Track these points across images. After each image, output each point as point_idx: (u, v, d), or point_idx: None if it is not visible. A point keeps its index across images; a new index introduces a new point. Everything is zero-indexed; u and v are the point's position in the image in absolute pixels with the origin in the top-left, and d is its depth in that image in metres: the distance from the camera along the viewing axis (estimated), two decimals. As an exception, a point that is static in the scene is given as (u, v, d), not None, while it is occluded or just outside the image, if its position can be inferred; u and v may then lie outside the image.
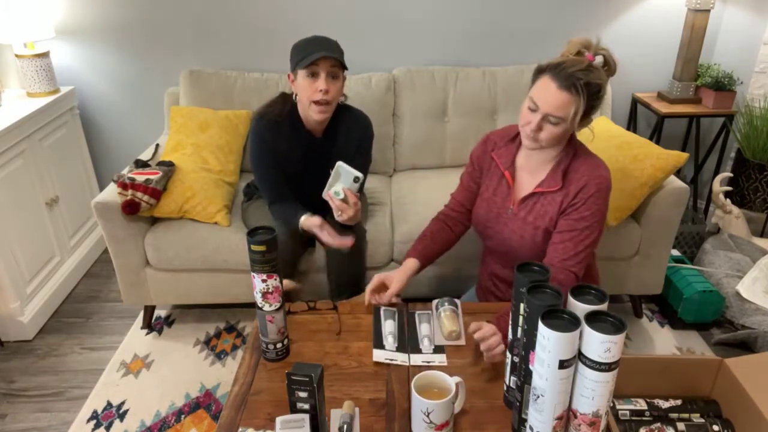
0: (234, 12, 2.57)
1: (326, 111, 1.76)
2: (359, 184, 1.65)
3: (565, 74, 1.31)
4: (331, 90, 1.73)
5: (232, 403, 1.19)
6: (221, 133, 2.31)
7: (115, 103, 2.76)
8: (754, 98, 2.60)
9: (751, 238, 2.49)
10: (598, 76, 1.33)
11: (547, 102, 1.34)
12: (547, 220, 1.46)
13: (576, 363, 0.94)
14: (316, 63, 1.69)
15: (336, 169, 1.63)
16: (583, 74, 1.30)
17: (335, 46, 1.75)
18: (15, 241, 2.17)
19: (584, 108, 1.34)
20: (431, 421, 1.03)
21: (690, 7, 2.44)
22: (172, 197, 2.03)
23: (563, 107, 1.33)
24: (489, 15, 2.61)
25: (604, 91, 1.35)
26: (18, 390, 2.00)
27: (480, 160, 1.62)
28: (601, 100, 1.37)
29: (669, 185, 2.04)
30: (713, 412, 1.46)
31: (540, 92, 1.35)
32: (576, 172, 1.43)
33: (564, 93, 1.32)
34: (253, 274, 1.21)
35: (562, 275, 1.39)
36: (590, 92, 1.32)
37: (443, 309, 1.40)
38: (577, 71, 1.30)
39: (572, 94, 1.31)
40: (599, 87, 1.33)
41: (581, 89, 1.31)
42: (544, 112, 1.35)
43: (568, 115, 1.34)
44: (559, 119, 1.34)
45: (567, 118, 1.34)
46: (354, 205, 1.66)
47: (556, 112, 1.33)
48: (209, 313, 2.36)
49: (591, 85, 1.31)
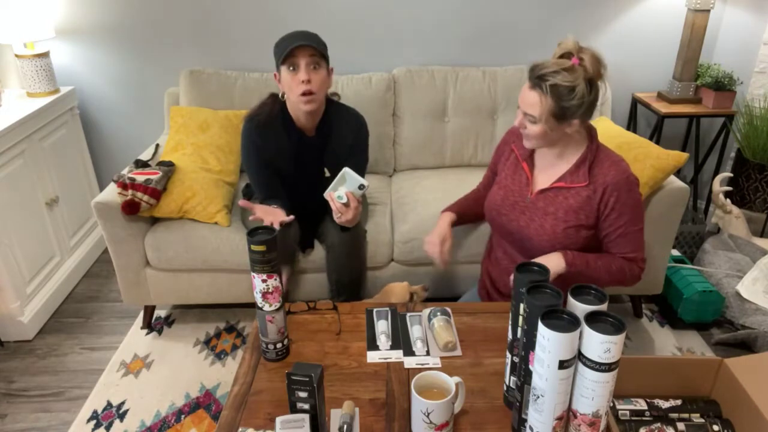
0: (234, 12, 2.57)
1: (313, 101, 1.75)
2: (363, 190, 1.67)
3: (536, 75, 1.39)
4: (314, 79, 1.72)
5: (232, 403, 1.19)
6: (221, 133, 2.31)
7: (115, 103, 2.76)
8: (754, 98, 2.60)
9: (751, 238, 2.49)
10: (570, 78, 1.36)
11: (522, 100, 1.44)
12: (571, 213, 1.49)
13: (576, 363, 0.94)
14: (294, 54, 1.69)
15: (342, 174, 1.64)
16: (552, 76, 1.36)
17: (313, 37, 1.74)
18: (15, 241, 2.17)
19: (555, 108, 1.39)
20: (431, 421, 1.03)
21: (690, 7, 2.44)
22: (172, 197, 2.03)
23: (533, 106, 1.40)
24: (489, 15, 2.61)
25: (580, 93, 1.36)
26: (18, 390, 2.00)
27: (500, 149, 1.72)
28: (576, 102, 1.38)
29: (669, 185, 2.04)
30: (713, 412, 1.46)
31: (521, 92, 1.45)
32: (600, 167, 1.47)
33: (533, 92, 1.40)
34: (253, 274, 1.21)
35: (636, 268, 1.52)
36: (558, 93, 1.37)
37: (436, 319, 1.38)
38: (547, 73, 1.37)
39: (539, 93, 1.38)
40: (569, 89, 1.36)
41: (546, 89, 1.37)
42: (521, 110, 1.44)
43: (540, 114, 1.40)
44: (533, 117, 1.42)
45: (540, 117, 1.41)
46: (354, 209, 1.68)
47: (529, 110, 1.42)
48: (209, 313, 2.36)
49: (558, 87, 1.36)
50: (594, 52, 1.39)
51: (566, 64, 1.36)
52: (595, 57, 1.38)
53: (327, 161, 1.91)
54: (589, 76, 1.37)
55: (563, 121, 1.42)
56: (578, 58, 1.37)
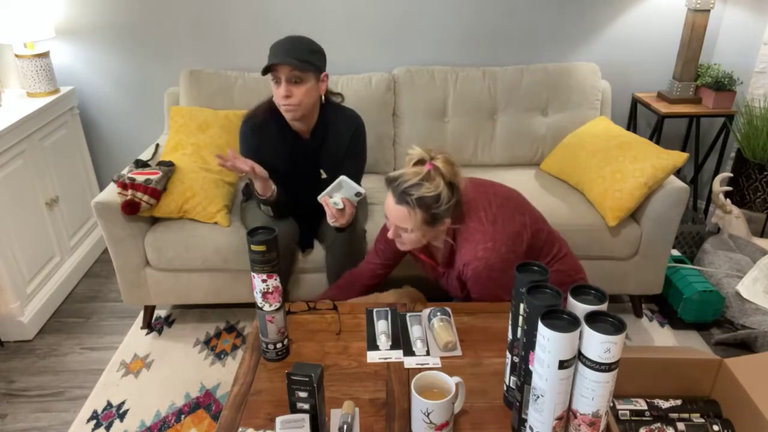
0: (234, 12, 2.57)
1: (293, 111, 1.76)
2: (359, 198, 1.70)
3: (398, 190, 1.39)
4: (295, 94, 1.73)
5: (232, 403, 1.19)
6: (221, 133, 2.31)
7: (115, 103, 2.76)
8: (754, 98, 2.60)
9: (751, 238, 2.49)
10: (431, 188, 1.37)
11: (391, 215, 1.44)
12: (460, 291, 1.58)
13: (576, 363, 0.94)
14: (275, 69, 1.70)
15: (338, 182, 1.66)
16: (414, 189, 1.37)
17: (298, 49, 1.71)
18: (15, 241, 2.17)
19: (425, 216, 1.40)
20: (431, 421, 1.03)
21: (690, 7, 2.44)
22: (172, 197, 2.03)
23: (403, 220, 1.41)
24: (489, 15, 2.61)
25: (445, 198, 1.39)
26: (18, 390, 2.00)
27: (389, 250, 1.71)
28: (444, 207, 1.40)
29: (669, 185, 2.04)
30: (713, 412, 1.46)
31: (386, 205, 1.45)
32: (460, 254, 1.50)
33: (401, 207, 1.40)
34: (253, 274, 1.21)
35: None
36: (424, 204, 1.38)
37: (436, 319, 1.39)
38: (409, 187, 1.38)
39: (407, 208, 1.39)
40: (435, 198, 1.38)
41: (413, 203, 1.38)
42: (392, 222, 1.45)
43: (412, 226, 1.41)
44: (406, 229, 1.43)
45: (414, 228, 1.42)
46: (349, 215, 1.72)
47: (401, 224, 1.43)
48: (209, 313, 2.36)
49: (423, 198, 1.37)
50: (445, 155, 1.41)
51: (423, 171, 1.38)
52: (447, 160, 1.41)
53: (324, 163, 1.92)
54: (448, 179, 1.40)
55: (435, 225, 1.44)
56: (430, 163, 1.39)
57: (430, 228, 1.44)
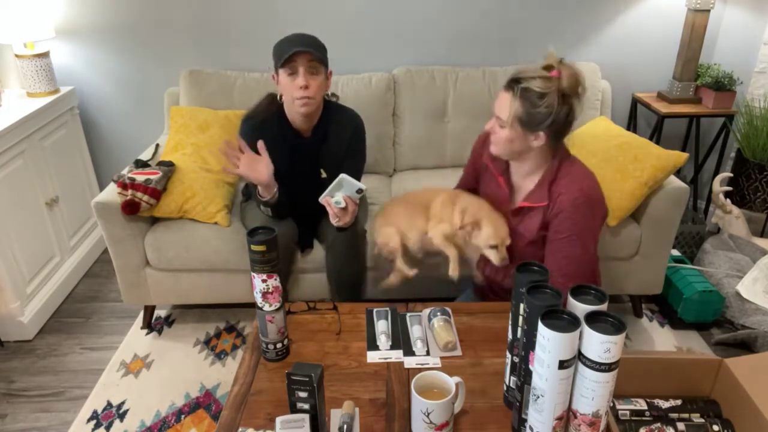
0: (234, 12, 2.57)
1: (310, 104, 1.76)
2: (360, 194, 1.68)
3: (512, 78, 1.41)
4: (312, 85, 1.73)
5: (232, 403, 1.19)
6: (221, 133, 2.31)
7: (115, 103, 2.76)
8: (754, 98, 2.60)
9: (751, 238, 2.49)
10: (543, 85, 1.36)
11: (496, 103, 1.45)
12: (535, 233, 1.51)
13: (576, 363, 0.94)
14: (293, 59, 1.69)
15: (338, 180, 1.65)
16: (526, 80, 1.37)
17: (313, 42, 1.74)
18: (15, 241, 2.17)
19: (522, 113, 1.38)
20: (431, 421, 1.03)
21: (690, 7, 2.44)
22: (172, 197, 2.03)
23: (503, 107, 1.42)
24: (489, 15, 2.61)
25: (549, 101, 1.36)
26: (18, 390, 2.00)
27: (476, 162, 1.70)
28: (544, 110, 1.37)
29: (669, 185, 2.04)
30: (713, 412, 1.46)
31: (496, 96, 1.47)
32: (558, 185, 1.46)
33: (505, 93, 1.42)
34: (253, 274, 1.21)
35: None
36: (527, 97, 1.37)
37: (436, 319, 1.38)
38: (523, 77, 1.38)
39: (510, 94, 1.40)
40: (540, 95, 1.36)
41: (518, 92, 1.38)
42: (494, 114, 1.45)
43: (507, 117, 1.41)
44: (502, 121, 1.43)
45: (508, 121, 1.41)
46: (352, 213, 1.71)
47: (499, 113, 1.43)
48: (209, 313, 2.36)
49: (529, 91, 1.37)
50: (575, 70, 1.39)
51: (544, 73, 1.37)
52: (574, 74, 1.38)
53: (324, 162, 1.92)
54: (563, 91, 1.37)
55: (529, 131, 1.41)
56: (558, 71, 1.37)
57: (523, 132, 1.41)
